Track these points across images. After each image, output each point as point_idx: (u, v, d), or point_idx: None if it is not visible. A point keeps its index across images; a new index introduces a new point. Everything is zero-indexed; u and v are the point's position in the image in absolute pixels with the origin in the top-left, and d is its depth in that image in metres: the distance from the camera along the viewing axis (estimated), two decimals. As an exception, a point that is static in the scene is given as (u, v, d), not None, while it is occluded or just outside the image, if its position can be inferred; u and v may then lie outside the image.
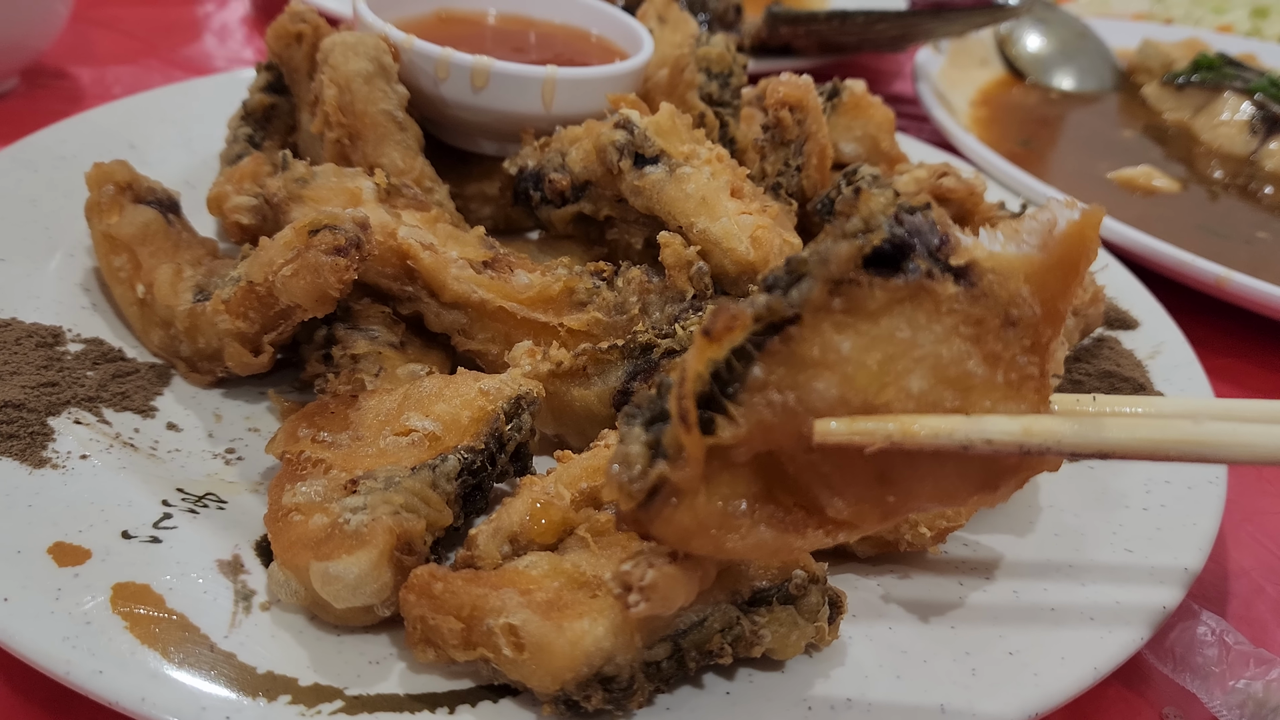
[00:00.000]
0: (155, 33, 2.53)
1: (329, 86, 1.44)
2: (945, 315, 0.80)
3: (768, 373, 0.79)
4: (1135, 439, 0.81)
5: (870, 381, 0.80)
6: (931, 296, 0.80)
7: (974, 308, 0.80)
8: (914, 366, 0.80)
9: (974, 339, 0.80)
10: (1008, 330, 0.81)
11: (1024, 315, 0.81)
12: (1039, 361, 0.82)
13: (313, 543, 0.99)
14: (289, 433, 1.15)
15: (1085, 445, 0.80)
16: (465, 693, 0.96)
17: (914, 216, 0.81)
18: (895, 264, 0.80)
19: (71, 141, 1.63)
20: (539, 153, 1.52)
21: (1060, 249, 0.80)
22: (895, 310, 0.80)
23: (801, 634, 1.00)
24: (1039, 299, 0.81)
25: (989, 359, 0.81)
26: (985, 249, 0.81)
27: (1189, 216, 2.22)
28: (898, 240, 0.79)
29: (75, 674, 0.90)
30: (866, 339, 0.80)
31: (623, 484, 0.80)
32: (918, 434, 0.78)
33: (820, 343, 0.79)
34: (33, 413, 1.16)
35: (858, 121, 1.70)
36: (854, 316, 0.80)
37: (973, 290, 0.80)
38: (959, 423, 0.79)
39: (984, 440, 0.79)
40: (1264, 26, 3.29)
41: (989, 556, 1.19)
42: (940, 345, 0.80)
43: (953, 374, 0.80)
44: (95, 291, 1.40)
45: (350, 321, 1.31)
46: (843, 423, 0.79)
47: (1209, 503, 1.27)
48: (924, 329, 0.80)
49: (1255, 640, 1.17)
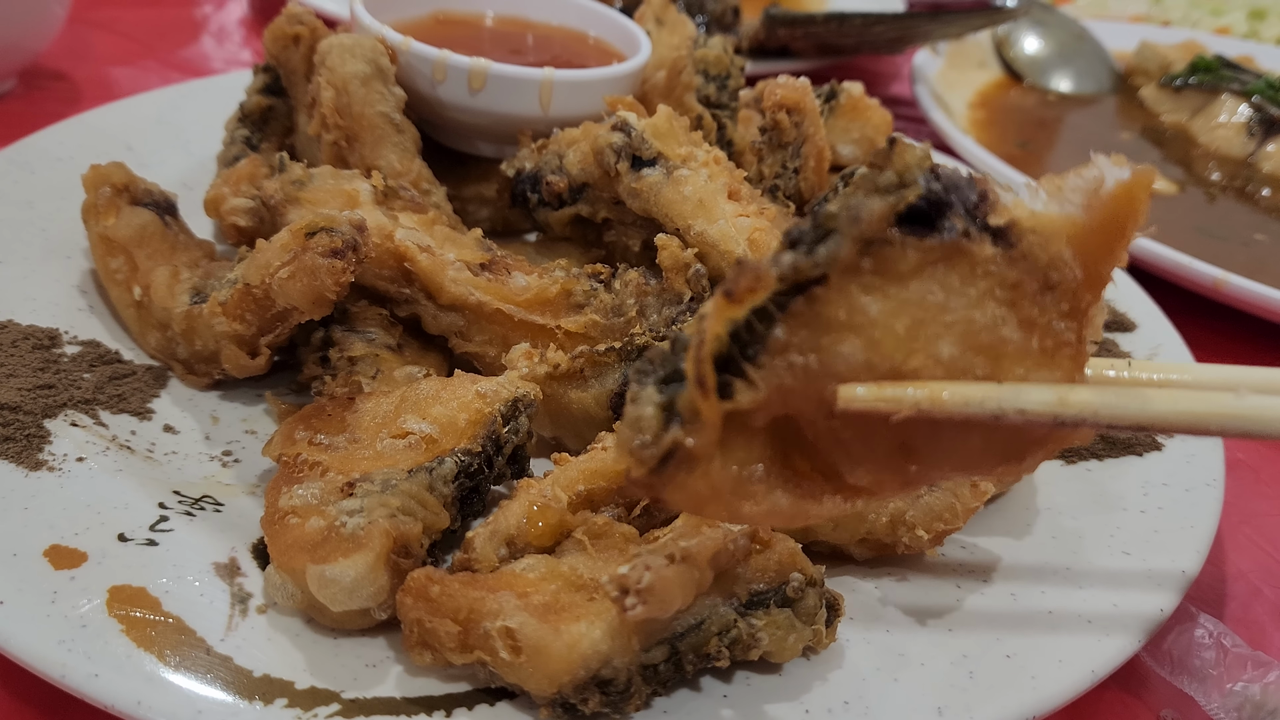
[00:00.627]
0: (153, 34, 2.53)
1: (326, 88, 1.44)
2: (981, 278, 0.75)
3: (790, 335, 0.75)
4: (1176, 412, 0.76)
5: (898, 347, 0.75)
6: (967, 258, 0.75)
7: (1011, 270, 0.75)
8: (945, 331, 0.75)
9: (1010, 303, 0.76)
10: (1046, 295, 0.76)
11: (1064, 279, 0.76)
12: (1076, 328, 0.77)
13: (309, 546, 0.99)
14: (286, 435, 1.15)
15: (1123, 418, 0.76)
16: (462, 696, 0.96)
17: (953, 172, 0.76)
18: (930, 222, 0.75)
19: (68, 143, 1.63)
20: (536, 155, 1.51)
21: (1107, 210, 0.75)
22: (928, 272, 0.75)
23: (799, 637, 1.00)
24: (1081, 262, 0.76)
25: (1024, 324, 0.76)
26: (1026, 208, 0.76)
27: (1187, 218, 2.22)
28: (934, 196, 0.75)
29: (71, 677, 0.90)
30: (896, 302, 0.75)
31: (634, 449, 0.75)
32: (947, 402, 0.74)
33: (847, 305, 0.75)
34: (29, 415, 1.16)
35: (855, 124, 1.70)
36: (884, 278, 0.75)
37: (1011, 252, 0.75)
38: (990, 391, 0.75)
39: (1017, 410, 0.74)
40: (1261, 29, 3.29)
41: (986, 559, 1.19)
42: (974, 309, 0.76)
43: (985, 340, 0.76)
44: (92, 293, 1.40)
45: (347, 324, 1.31)
46: (869, 389, 0.75)
47: (1206, 505, 1.26)
48: (957, 292, 0.76)
49: (1253, 643, 1.17)
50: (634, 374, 0.78)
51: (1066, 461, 1.34)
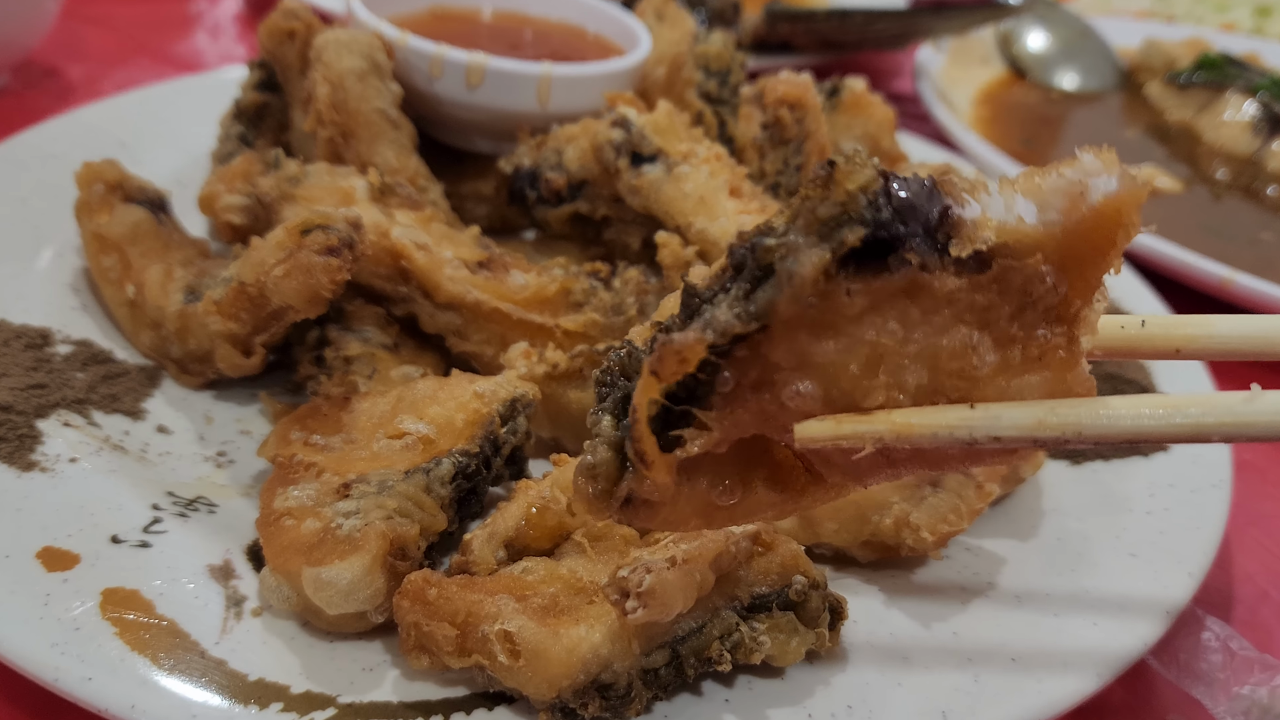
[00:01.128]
0: (146, 30, 2.52)
1: (322, 84, 1.43)
2: (946, 306, 0.68)
3: (738, 377, 0.70)
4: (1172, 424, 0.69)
5: (854, 385, 0.69)
6: (928, 290, 0.67)
7: (981, 295, 0.68)
8: (909, 363, 0.69)
9: (982, 325, 0.69)
10: (1025, 312, 0.69)
11: (1044, 295, 0.68)
12: (1066, 330, 0.70)
13: (305, 548, 0.98)
14: (281, 436, 1.14)
15: (1112, 432, 0.69)
16: (460, 700, 0.95)
17: (908, 188, 0.66)
18: (881, 256, 0.66)
19: (61, 140, 1.61)
20: (535, 151, 1.50)
21: (1091, 223, 0.66)
22: (884, 308, 0.68)
23: (802, 640, 0.99)
24: (1065, 276, 0.68)
25: (1003, 342, 0.70)
26: (995, 223, 0.67)
27: (1192, 217, 2.21)
28: (882, 232, 0.65)
29: (64, 681, 0.89)
30: (849, 340, 0.68)
31: (589, 499, 0.74)
32: (914, 430, 0.69)
33: (795, 350, 0.69)
34: (21, 415, 1.15)
35: (858, 120, 1.68)
36: (832, 320, 0.68)
37: (980, 277, 0.67)
38: (962, 416, 0.69)
39: (990, 436, 0.68)
40: (1267, 25, 3.28)
41: (991, 561, 1.18)
42: (940, 337, 0.68)
43: (957, 365, 0.69)
44: (85, 292, 1.39)
45: (343, 323, 1.30)
46: (826, 424, 0.70)
47: (1214, 507, 1.25)
48: (919, 324, 0.68)
49: (1260, 646, 1.16)
50: (596, 386, 0.76)
51: (1072, 463, 1.33)
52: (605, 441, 0.74)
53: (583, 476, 0.74)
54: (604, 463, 0.73)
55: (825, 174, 0.66)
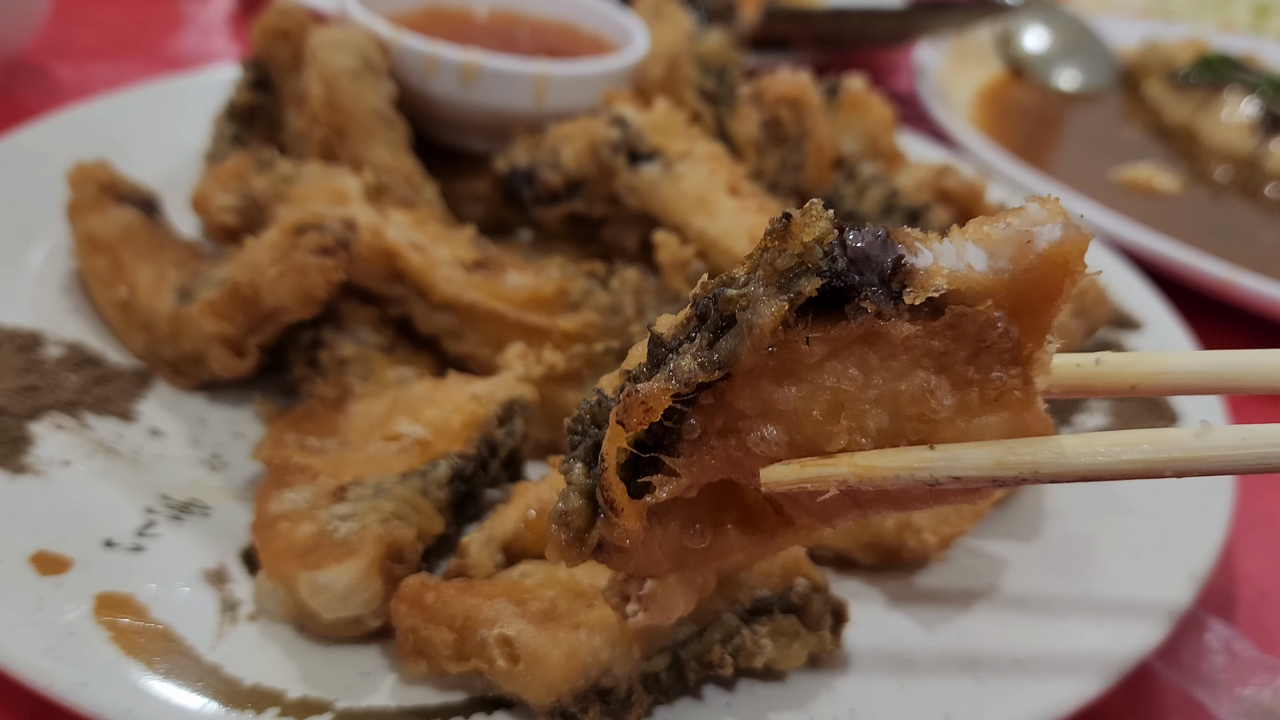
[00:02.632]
0: (137, 29, 2.50)
1: (316, 83, 1.42)
2: (903, 352, 0.71)
3: (704, 424, 0.73)
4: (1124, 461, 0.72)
5: (817, 430, 0.72)
6: (884, 338, 0.70)
7: (936, 341, 0.71)
8: (870, 407, 0.72)
9: (939, 369, 0.71)
10: (980, 355, 0.71)
11: (998, 337, 0.71)
12: (1021, 372, 0.72)
13: (300, 552, 0.98)
14: (275, 438, 1.13)
15: (1068, 471, 0.72)
16: (459, 705, 0.94)
17: (862, 239, 0.70)
18: (838, 307, 0.69)
19: (52, 140, 1.60)
20: (531, 150, 1.50)
21: (1039, 270, 0.69)
22: (843, 355, 0.71)
23: (804, 644, 0.99)
24: (1016, 321, 0.71)
25: (959, 384, 0.72)
26: (947, 271, 0.69)
27: (1192, 216, 2.21)
28: (838, 282, 0.68)
29: (58, 686, 0.89)
30: (810, 387, 0.71)
31: (562, 547, 0.77)
32: (876, 472, 0.72)
33: (758, 397, 0.72)
34: (12, 418, 1.14)
35: (857, 118, 1.68)
36: (793, 367, 0.71)
37: (934, 324, 0.70)
38: (923, 457, 0.71)
39: (950, 477, 0.71)
40: (1265, 24, 3.28)
41: (994, 564, 1.17)
42: (899, 381, 0.71)
43: (916, 410, 0.72)
44: (76, 294, 1.38)
45: (337, 324, 1.29)
46: (791, 468, 0.73)
47: (1217, 507, 1.25)
48: (879, 369, 0.71)
49: (1263, 648, 1.17)
50: (568, 434, 0.78)
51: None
52: (577, 489, 0.76)
53: (556, 524, 0.77)
54: (576, 510, 0.76)
55: (782, 226, 0.69)
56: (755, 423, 0.73)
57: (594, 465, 0.76)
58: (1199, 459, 0.72)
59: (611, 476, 0.73)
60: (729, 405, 0.72)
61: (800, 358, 0.70)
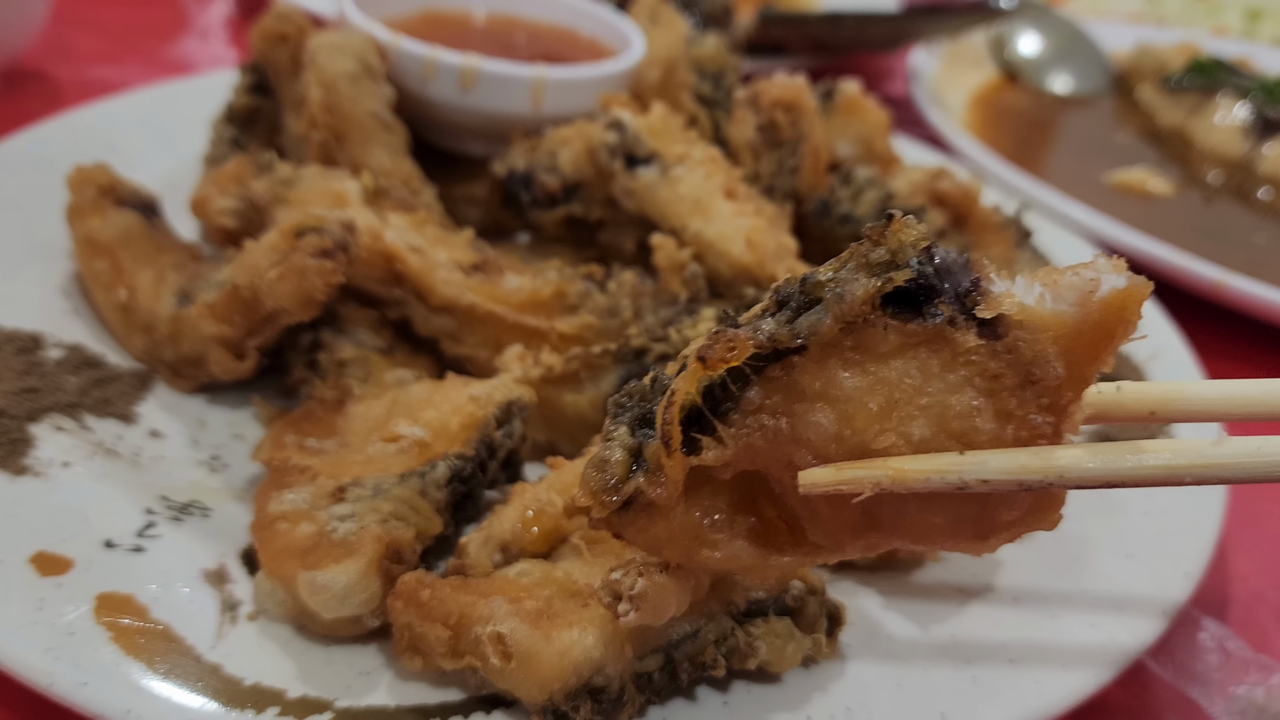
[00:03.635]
0: (136, 33, 2.50)
1: (315, 87, 1.43)
2: (962, 365, 0.76)
3: (764, 397, 0.77)
4: (1145, 468, 0.77)
5: (869, 423, 0.76)
6: (950, 345, 0.75)
7: (994, 362, 0.75)
8: (919, 413, 0.76)
9: (988, 393, 0.76)
10: (1026, 389, 0.76)
11: (1046, 376, 0.76)
12: (1054, 422, 0.77)
13: (300, 552, 0.98)
14: (275, 439, 1.13)
15: (1092, 477, 0.77)
16: (457, 704, 0.94)
17: (948, 255, 0.76)
18: (917, 306, 0.75)
19: (51, 143, 1.60)
20: (529, 154, 1.50)
21: (1098, 315, 0.74)
22: (909, 354, 0.76)
23: (798, 646, 0.99)
24: (1065, 362, 0.75)
25: (1000, 415, 0.76)
26: (1017, 300, 0.75)
27: (1185, 220, 2.22)
28: (923, 281, 0.75)
29: (59, 685, 0.89)
30: (873, 379, 0.76)
31: (595, 491, 0.79)
32: (909, 475, 0.75)
33: (824, 377, 0.76)
34: (13, 419, 1.14)
35: (852, 122, 1.68)
36: (863, 355, 0.76)
37: (996, 344, 0.75)
38: (953, 461, 0.76)
39: (979, 480, 0.75)
40: (1257, 29, 3.29)
41: (989, 563, 1.17)
42: (951, 395, 0.76)
43: (958, 426, 0.76)
44: (76, 296, 1.38)
45: (336, 326, 1.29)
46: (830, 471, 0.76)
47: (1210, 508, 1.25)
48: (936, 376, 0.76)
49: (1256, 646, 1.17)
50: (612, 405, 0.82)
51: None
52: (621, 444, 0.79)
53: (593, 468, 0.79)
54: (617, 461, 0.79)
55: (880, 228, 0.76)
56: (811, 407, 0.77)
57: (641, 431, 0.79)
58: (1218, 466, 0.77)
59: (676, 413, 0.76)
60: (793, 384, 0.77)
61: (873, 345, 0.76)
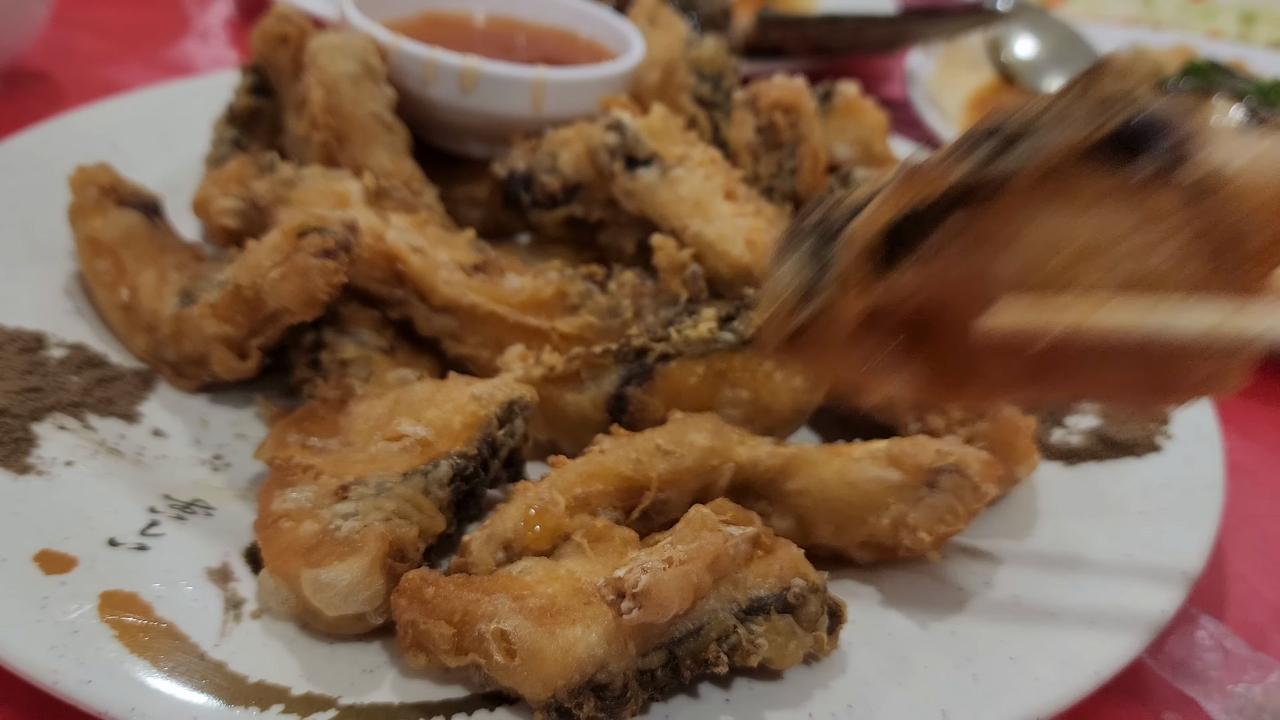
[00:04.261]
0: (137, 34, 2.50)
1: (316, 88, 1.43)
2: (1164, 219, 0.70)
3: (948, 238, 0.72)
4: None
5: (1060, 271, 0.71)
6: (1155, 199, 0.70)
7: (1199, 220, 0.70)
8: (1112, 265, 0.71)
9: (1188, 251, 0.71)
10: (1228, 251, 0.71)
11: (1251, 239, 0.70)
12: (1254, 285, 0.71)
13: (303, 550, 0.98)
14: (278, 438, 1.14)
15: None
16: (461, 701, 0.95)
17: (1175, 99, 0.70)
18: (1126, 154, 0.70)
19: (53, 144, 1.60)
20: (529, 155, 1.50)
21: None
22: (1109, 203, 0.71)
23: (800, 644, 0.99)
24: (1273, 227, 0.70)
25: (1197, 275, 0.71)
26: (1235, 157, 0.70)
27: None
28: (1136, 129, 0.69)
29: (63, 684, 0.89)
30: (1068, 226, 0.71)
31: (769, 317, 0.76)
32: (1099, 324, 0.69)
33: (1016, 221, 0.71)
34: (16, 418, 1.15)
35: (851, 124, 1.69)
36: (1061, 200, 0.71)
37: (1204, 203, 0.70)
38: (1145, 314, 0.69)
39: (1170, 335, 0.69)
40: (1252, 32, 3.30)
41: (989, 561, 1.18)
42: (1148, 249, 0.71)
43: (1152, 283, 0.71)
44: (78, 296, 1.38)
45: (338, 326, 1.29)
46: (1018, 310, 0.71)
47: (1207, 507, 1.26)
48: (1135, 231, 0.71)
49: (1254, 644, 1.17)
50: (786, 236, 0.78)
51: (1067, 464, 1.33)
52: (801, 268, 0.76)
53: (772, 290, 0.77)
54: (795, 288, 0.76)
55: (1101, 67, 0.71)
56: (996, 251, 0.72)
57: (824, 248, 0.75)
58: None
59: (861, 243, 0.73)
60: (982, 228, 0.72)
61: (1074, 191, 0.71)
